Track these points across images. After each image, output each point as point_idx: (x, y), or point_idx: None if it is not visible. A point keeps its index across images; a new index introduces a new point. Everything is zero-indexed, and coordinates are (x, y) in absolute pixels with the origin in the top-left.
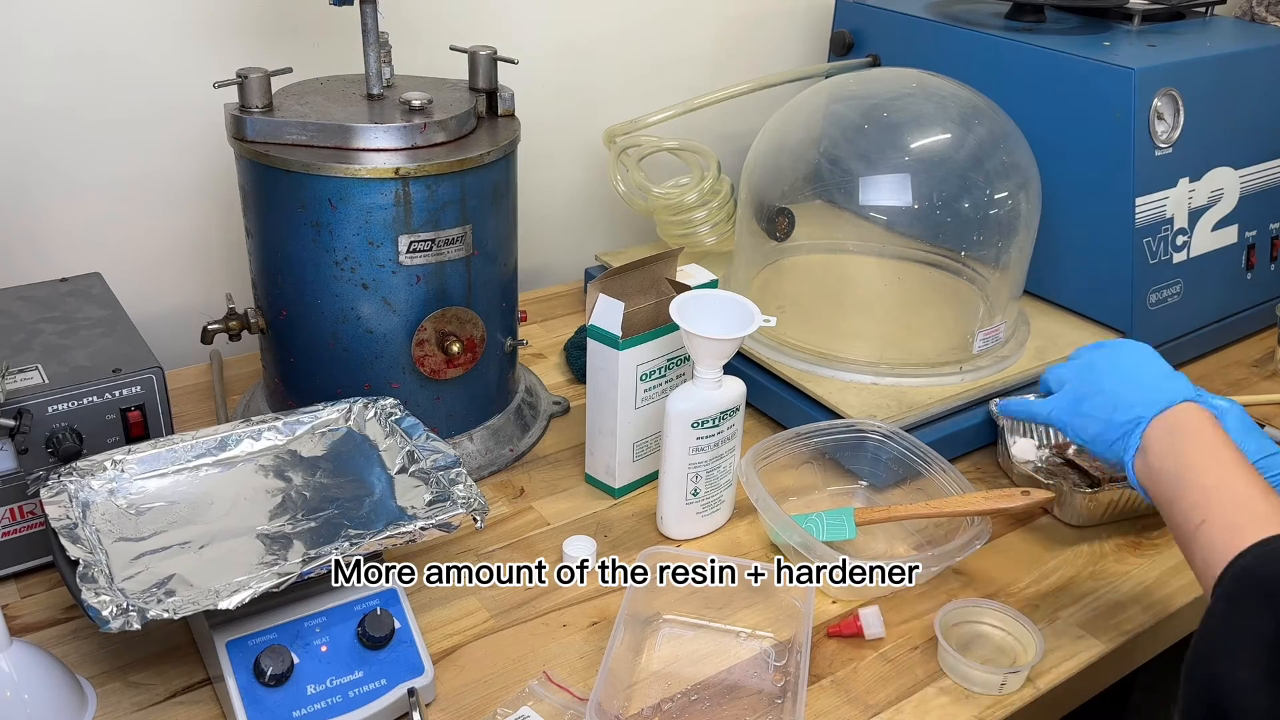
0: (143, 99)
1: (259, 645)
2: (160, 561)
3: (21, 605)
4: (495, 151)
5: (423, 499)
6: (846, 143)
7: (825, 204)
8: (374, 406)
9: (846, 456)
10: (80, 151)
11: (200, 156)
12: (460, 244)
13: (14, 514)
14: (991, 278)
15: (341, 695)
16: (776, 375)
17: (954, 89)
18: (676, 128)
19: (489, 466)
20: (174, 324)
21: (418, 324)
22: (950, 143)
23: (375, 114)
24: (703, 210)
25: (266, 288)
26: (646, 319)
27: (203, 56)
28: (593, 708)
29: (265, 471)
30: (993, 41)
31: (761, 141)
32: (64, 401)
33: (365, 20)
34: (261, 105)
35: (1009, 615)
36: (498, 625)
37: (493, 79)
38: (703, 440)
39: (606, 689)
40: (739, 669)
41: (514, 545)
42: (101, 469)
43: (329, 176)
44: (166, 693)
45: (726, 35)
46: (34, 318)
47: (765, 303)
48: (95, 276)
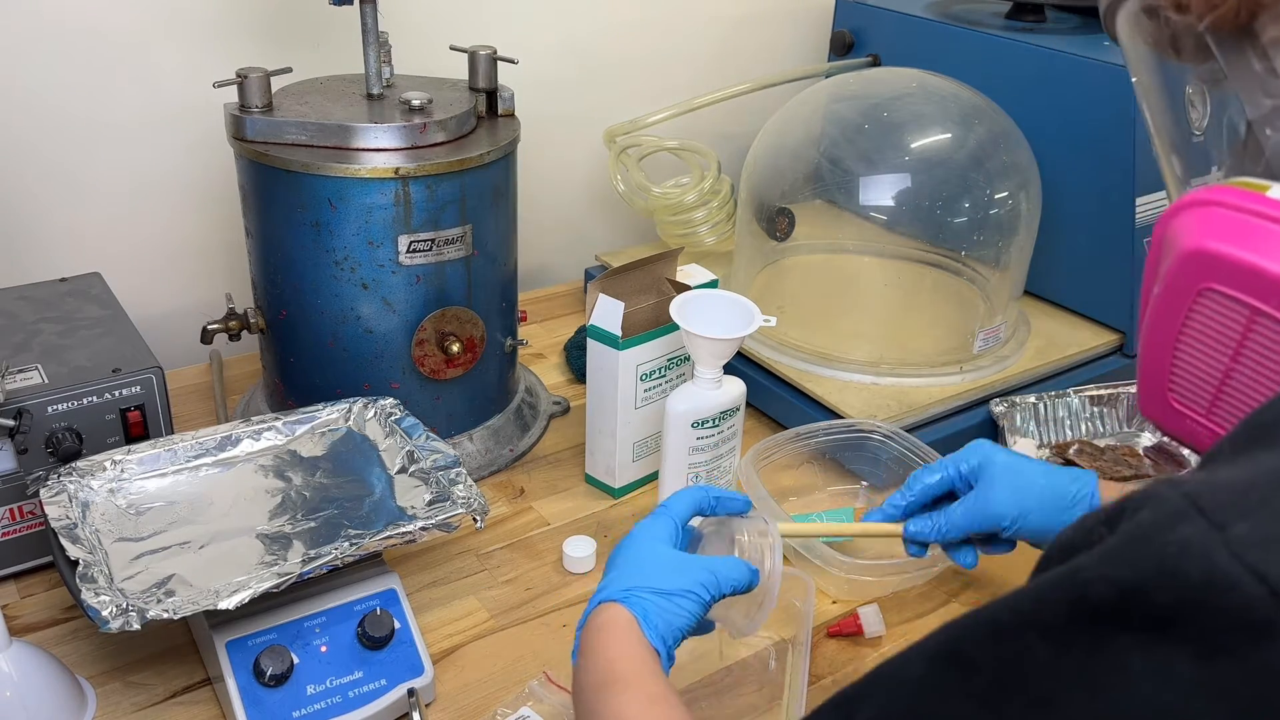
0: (143, 99)
1: (259, 645)
2: (160, 561)
3: (21, 605)
4: (495, 151)
5: (423, 499)
6: (846, 143)
7: (825, 204)
8: (374, 406)
9: (846, 456)
10: (80, 151)
11: (200, 156)
12: (460, 244)
13: (14, 514)
14: (991, 278)
15: (341, 695)
16: (776, 375)
17: (954, 89)
18: (676, 128)
19: (489, 466)
20: (174, 324)
21: (417, 324)
22: (950, 143)
23: (375, 114)
24: (703, 210)
25: (266, 288)
26: (646, 319)
27: (203, 56)
28: None
29: (265, 471)
30: (993, 41)
31: (761, 141)
32: (64, 401)
33: (365, 20)
34: (261, 105)
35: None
36: (498, 625)
37: (493, 79)
38: (703, 440)
39: None
40: (739, 668)
41: (514, 545)
42: (101, 469)
43: (329, 176)
44: (166, 693)
45: (726, 35)
46: (34, 318)
47: (765, 303)
48: (95, 276)
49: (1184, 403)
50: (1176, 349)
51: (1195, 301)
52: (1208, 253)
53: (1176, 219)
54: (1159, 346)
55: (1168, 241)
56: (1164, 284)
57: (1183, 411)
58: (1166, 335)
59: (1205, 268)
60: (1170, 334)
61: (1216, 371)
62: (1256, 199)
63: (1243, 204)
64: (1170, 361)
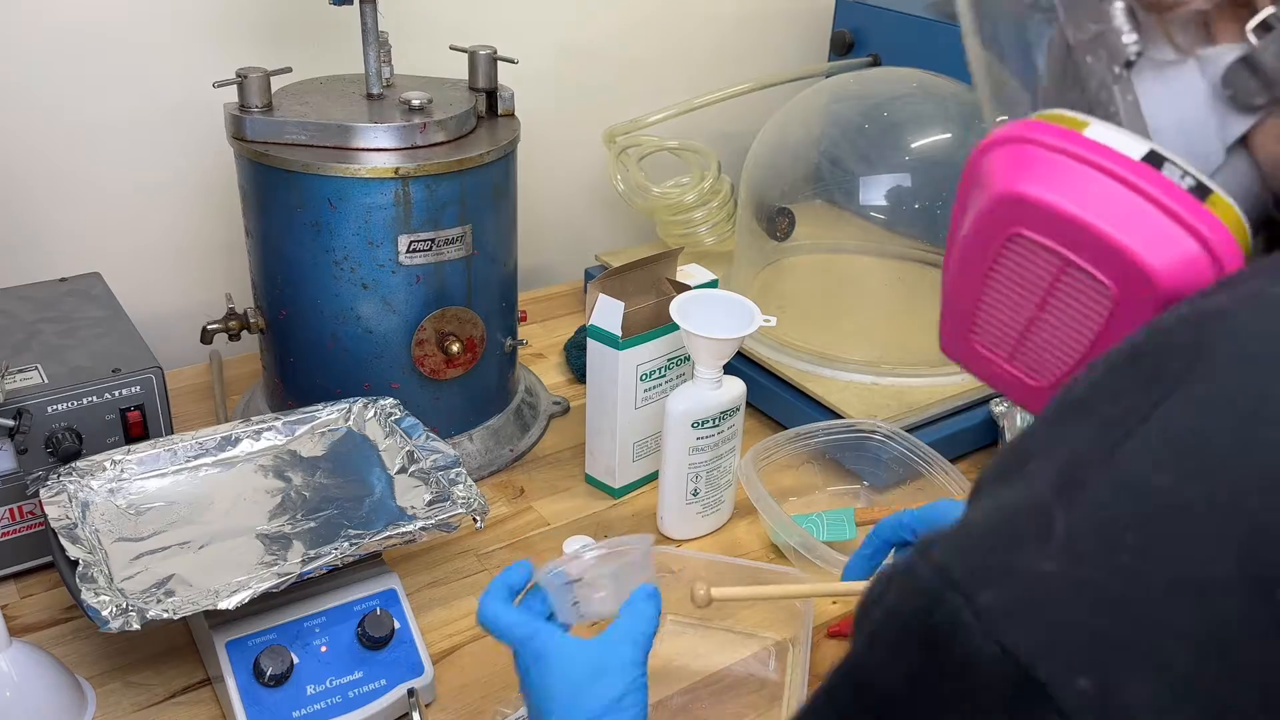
0: (142, 98)
1: (259, 645)
2: (160, 561)
3: (21, 605)
4: (495, 151)
5: (422, 499)
6: (846, 142)
7: (825, 204)
8: (374, 406)
9: (847, 456)
10: (80, 151)
11: (200, 156)
12: (460, 244)
13: (13, 514)
14: None
15: (341, 695)
16: (776, 375)
17: (954, 89)
18: (676, 128)
19: (489, 466)
20: (174, 324)
21: (417, 324)
22: (950, 142)
23: (375, 114)
24: (702, 210)
25: (266, 288)
26: (646, 319)
27: (202, 56)
28: None
29: (265, 471)
30: None
31: (761, 141)
32: (63, 401)
33: (365, 20)
34: (261, 105)
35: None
36: None
37: (493, 79)
38: (703, 440)
39: None
40: (739, 668)
41: (514, 545)
42: (101, 469)
43: (328, 176)
44: (166, 693)
45: (726, 35)
46: (34, 318)
47: (765, 303)
48: (95, 276)
49: (987, 346)
50: (982, 293)
51: (1004, 246)
52: (1020, 196)
53: (989, 155)
54: (964, 290)
55: (979, 179)
56: (973, 224)
57: (985, 355)
58: (972, 279)
59: (1017, 212)
60: (976, 277)
61: (1021, 318)
62: (1074, 138)
63: (1060, 144)
64: (975, 305)
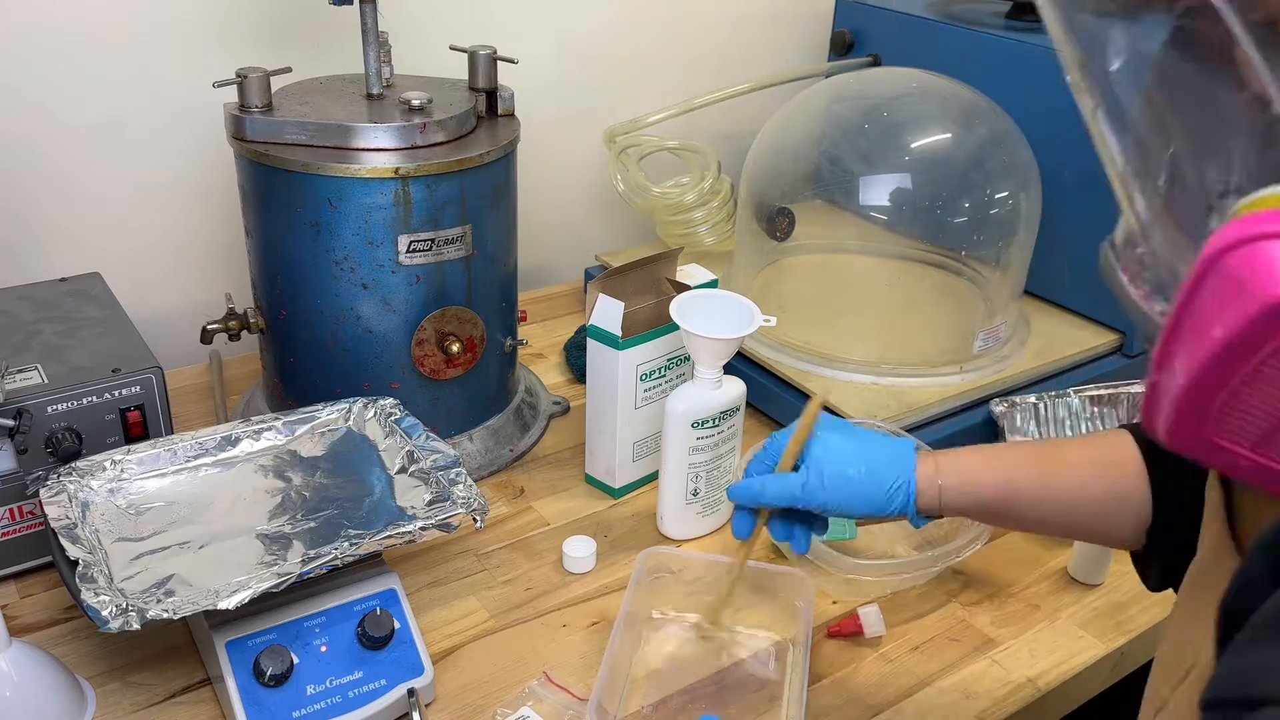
0: (143, 99)
1: (259, 645)
2: (160, 561)
3: (21, 605)
4: (495, 151)
5: (422, 499)
6: (847, 142)
7: (825, 204)
8: (374, 406)
9: None
10: (80, 151)
11: (200, 156)
12: (460, 244)
13: (13, 514)
14: (991, 277)
15: (341, 695)
16: (776, 375)
17: (954, 89)
18: (676, 128)
19: (489, 466)
20: (174, 324)
21: (417, 324)
22: (950, 143)
23: (375, 114)
24: (702, 210)
25: (266, 288)
26: (646, 319)
27: (203, 56)
28: (593, 708)
29: (265, 471)
30: (993, 41)
31: (761, 141)
32: (63, 401)
33: (365, 20)
34: (261, 105)
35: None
36: (498, 625)
37: (493, 79)
38: (703, 440)
39: (606, 689)
40: (739, 668)
41: (514, 545)
42: (101, 469)
43: (328, 176)
44: (166, 693)
45: (726, 35)
46: (34, 317)
47: (765, 303)
48: (95, 276)
49: (1229, 439)
50: (1233, 395)
51: (1275, 354)
52: None
53: (1247, 251)
54: (1208, 389)
55: (1231, 275)
56: (1230, 329)
57: (1225, 447)
58: (1222, 380)
59: None
60: (1227, 379)
61: (1275, 416)
62: None
63: None
64: (1222, 405)
